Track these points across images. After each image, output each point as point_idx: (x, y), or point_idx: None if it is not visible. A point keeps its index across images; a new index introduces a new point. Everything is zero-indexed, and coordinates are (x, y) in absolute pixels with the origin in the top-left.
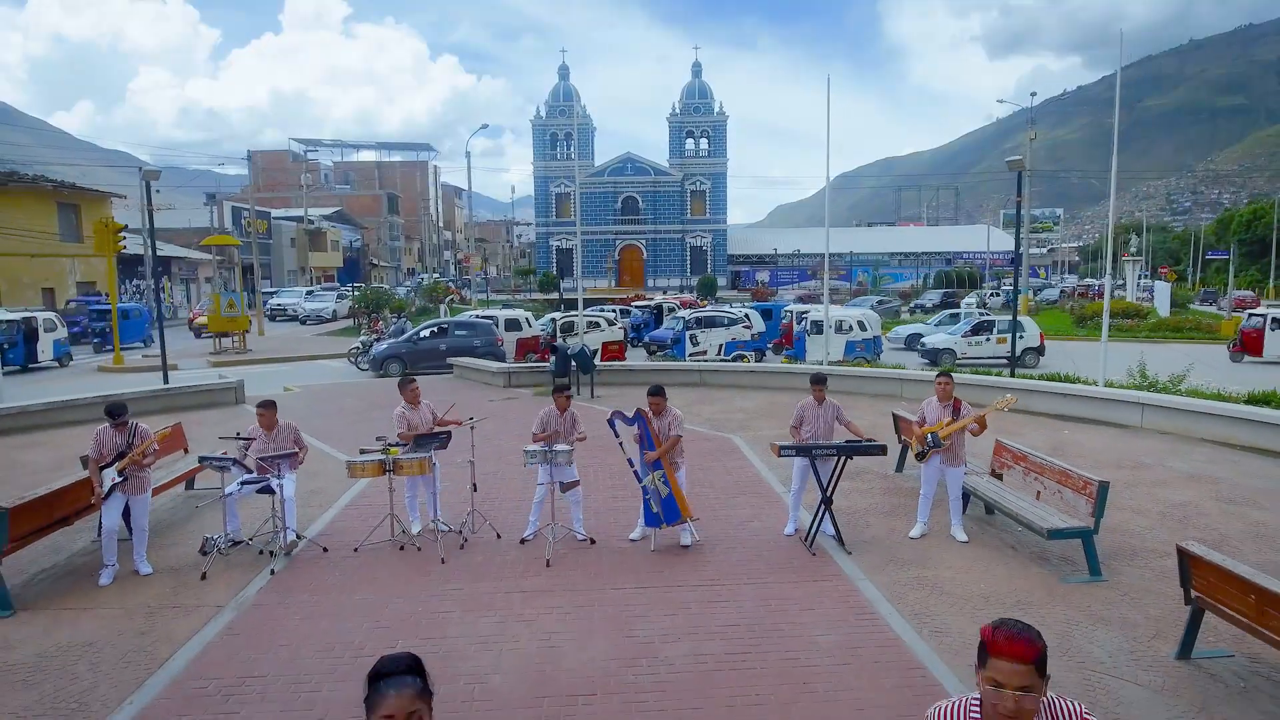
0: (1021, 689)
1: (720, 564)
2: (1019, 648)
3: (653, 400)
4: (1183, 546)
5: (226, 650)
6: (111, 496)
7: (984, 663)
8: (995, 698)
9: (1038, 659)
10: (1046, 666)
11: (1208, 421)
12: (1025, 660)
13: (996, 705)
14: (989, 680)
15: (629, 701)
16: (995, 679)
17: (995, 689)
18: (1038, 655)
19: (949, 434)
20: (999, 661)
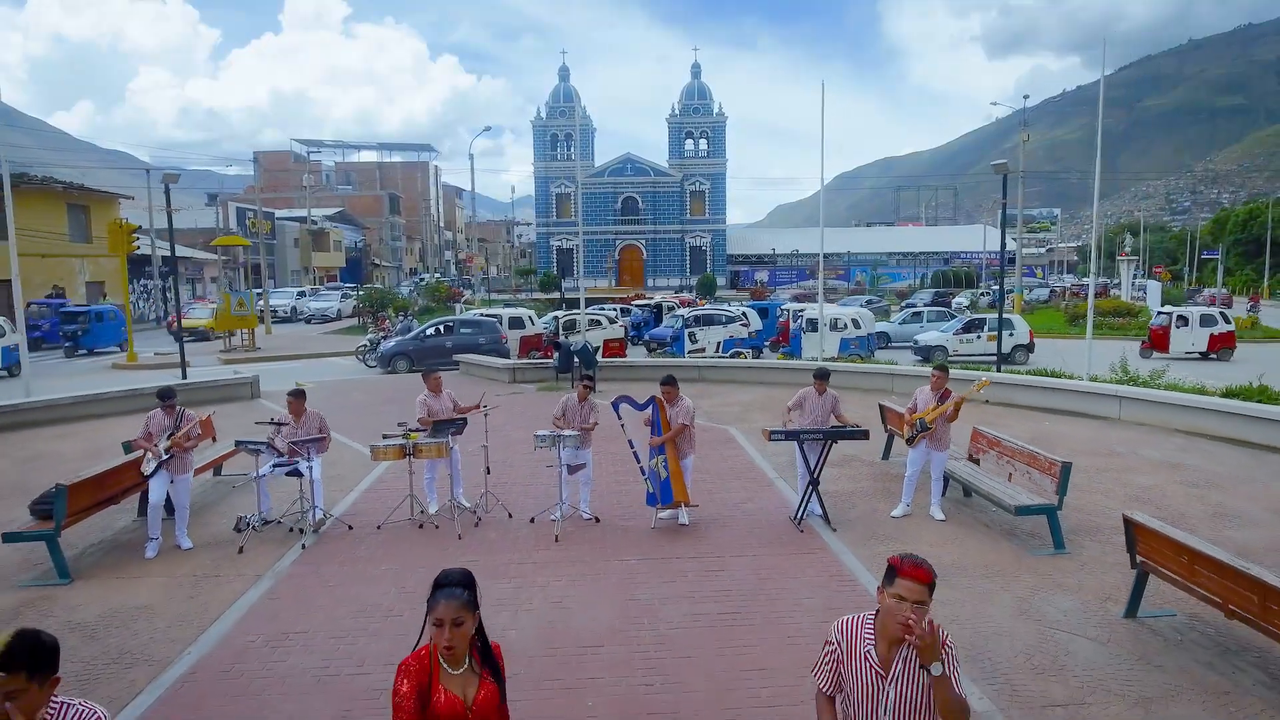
0: (917, 603)
1: (715, 540)
2: (920, 573)
3: (666, 389)
4: (1128, 515)
5: (269, 611)
6: (158, 474)
7: (891, 583)
8: (896, 608)
9: (931, 583)
10: (934, 592)
11: (1182, 413)
12: (923, 582)
13: (895, 614)
14: (894, 595)
15: (632, 652)
16: (899, 594)
17: (898, 602)
18: (931, 580)
19: (934, 419)
20: (904, 581)
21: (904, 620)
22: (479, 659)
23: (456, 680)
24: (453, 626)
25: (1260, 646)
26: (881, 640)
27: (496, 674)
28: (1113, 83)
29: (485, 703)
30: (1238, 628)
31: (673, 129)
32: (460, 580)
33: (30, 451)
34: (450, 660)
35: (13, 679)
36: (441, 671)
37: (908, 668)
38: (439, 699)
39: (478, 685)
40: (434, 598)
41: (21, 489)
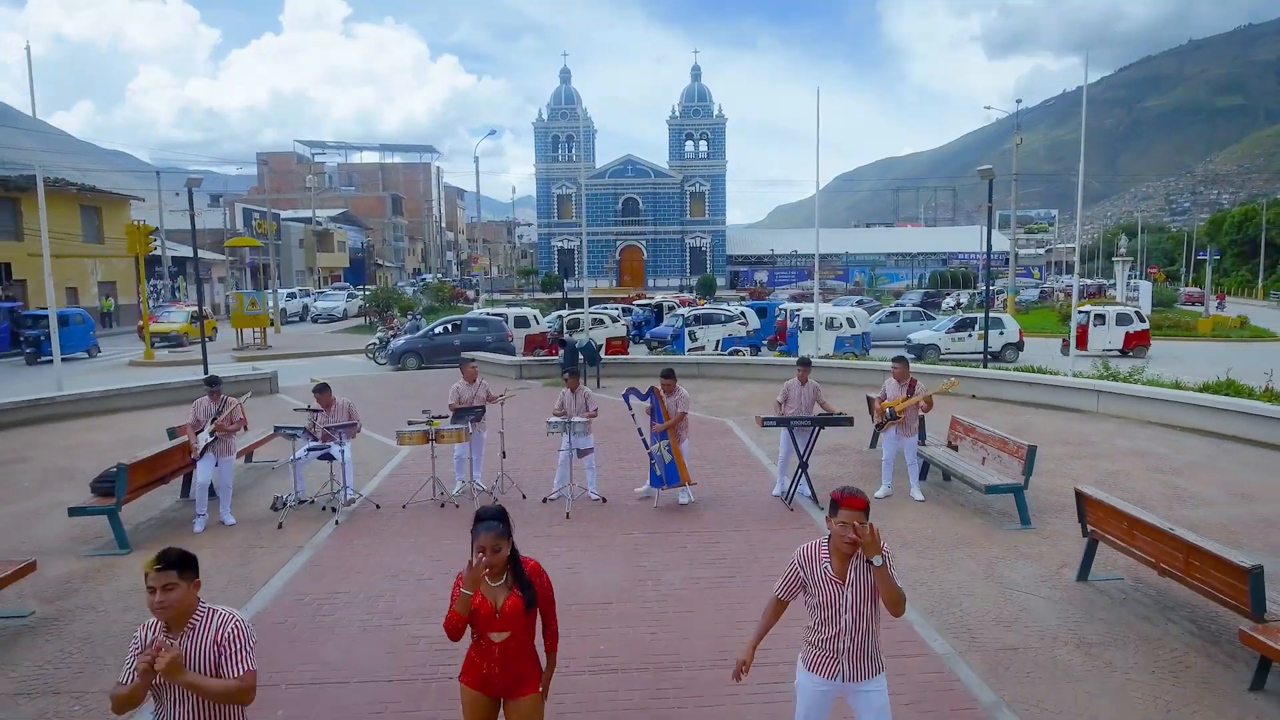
0: (857, 523)
1: (713, 517)
2: (856, 500)
3: (665, 381)
4: (1079, 489)
5: (312, 576)
6: (205, 456)
7: (835, 513)
8: (842, 530)
9: (865, 507)
10: (869, 514)
11: (1155, 406)
12: (859, 507)
13: (842, 534)
14: (839, 522)
15: (639, 608)
16: (843, 519)
17: (842, 525)
18: (866, 504)
19: (903, 409)
20: (844, 510)
21: (849, 537)
22: (513, 574)
23: (492, 590)
24: (491, 551)
25: (1191, 603)
26: (835, 557)
27: (526, 589)
28: (1113, 83)
29: (511, 609)
30: (1175, 589)
31: (673, 130)
32: (496, 515)
33: (69, 441)
34: (492, 572)
35: (167, 573)
36: (483, 583)
37: (857, 576)
38: (476, 602)
39: (507, 596)
40: (476, 529)
41: (67, 474)
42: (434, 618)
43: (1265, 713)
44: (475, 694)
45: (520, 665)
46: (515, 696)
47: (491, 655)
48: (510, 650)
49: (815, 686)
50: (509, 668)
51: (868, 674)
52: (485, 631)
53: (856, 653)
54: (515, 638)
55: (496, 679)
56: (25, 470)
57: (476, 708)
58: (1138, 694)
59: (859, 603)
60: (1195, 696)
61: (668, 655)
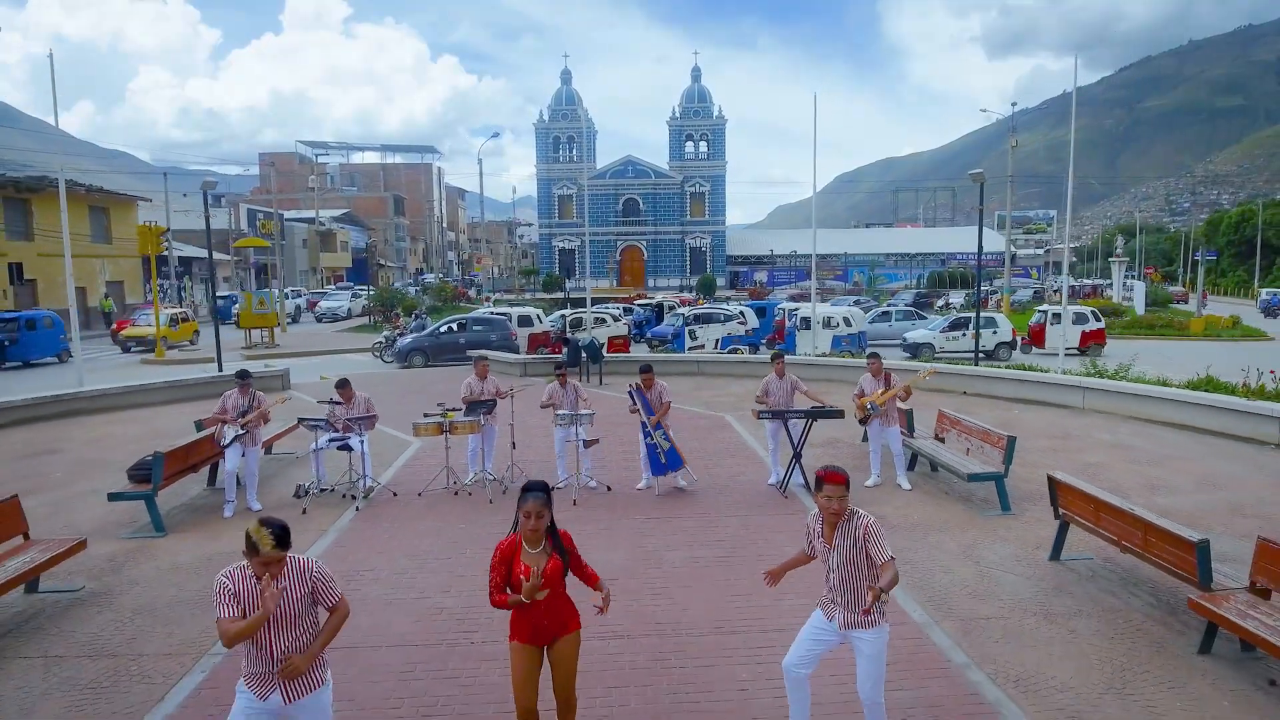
0: (839, 498)
1: (712, 503)
2: (837, 476)
3: (644, 377)
4: (1051, 475)
5: (338, 555)
6: (233, 445)
7: (820, 489)
8: (824, 502)
9: (845, 483)
10: (849, 489)
11: (1137, 402)
12: (839, 483)
13: (825, 506)
14: (823, 496)
15: (643, 584)
16: (826, 494)
17: (826, 499)
18: (846, 480)
19: (884, 401)
20: (827, 485)
21: (832, 511)
22: (551, 543)
23: (533, 556)
24: (536, 517)
25: (1152, 579)
26: (825, 525)
27: (563, 554)
28: (1113, 83)
29: (552, 572)
30: (1140, 567)
31: (673, 131)
32: (541, 487)
33: (94, 435)
34: (531, 541)
35: (280, 554)
36: (523, 550)
37: (841, 542)
38: (517, 568)
39: (547, 560)
40: (523, 498)
41: (96, 465)
42: (454, 592)
43: (1209, 671)
44: (525, 647)
45: (562, 613)
46: (557, 639)
47: (538, 611)
48: (552, 604)
49: (816, 622)
50: (555, 618)
51: (863, 624)
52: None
53: (849, 604)
54: (555, 594)
55: (545, 629)
56: (55, 461)
57: (526, 659)
58: (1096, 657)
59: (845, 564)
60: (1148, 658)
61: (669, 624)
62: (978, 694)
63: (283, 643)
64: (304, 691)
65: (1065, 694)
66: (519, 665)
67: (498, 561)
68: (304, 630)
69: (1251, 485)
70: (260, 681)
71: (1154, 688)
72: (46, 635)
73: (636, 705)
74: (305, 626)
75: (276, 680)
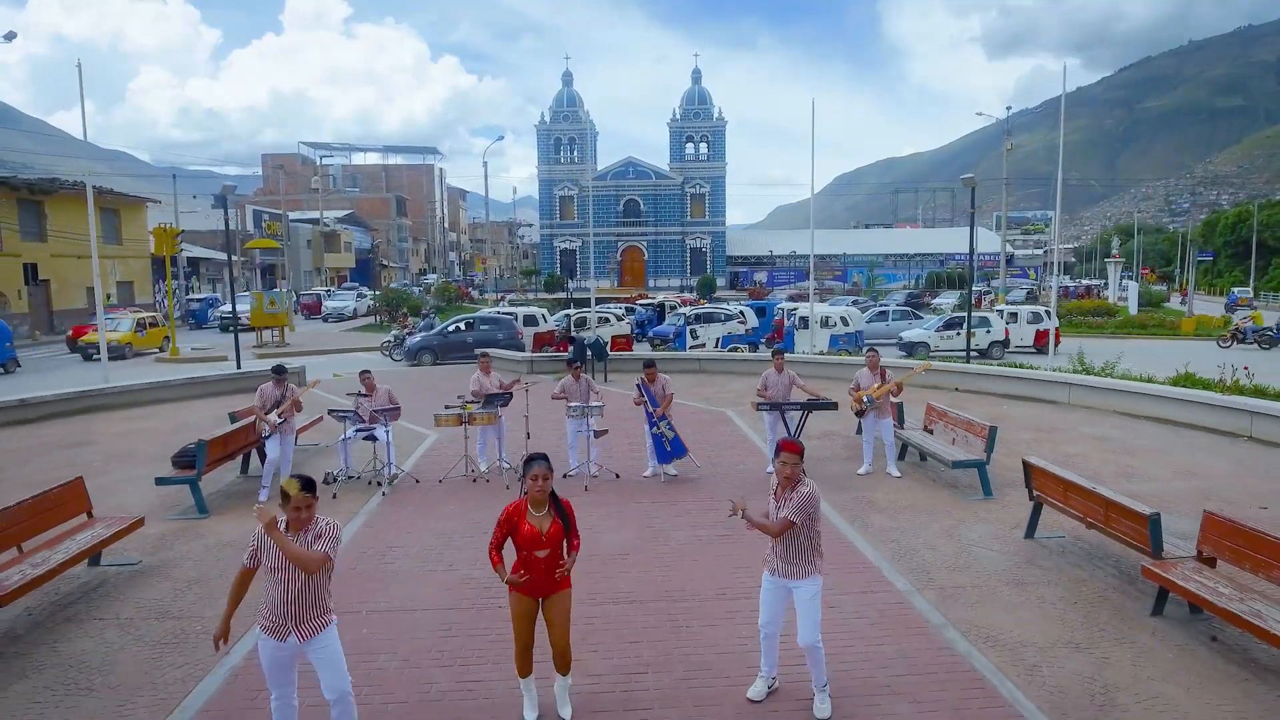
0: (792, 464)
1: (714, 490)
2: (794, 447)
3: (647, 371)
4: (1026, 459)
5: (370, 535)
6: (273, 437)
7: (778, 455)
8: (780, 467)
9: (800, 453)
10: (803, 459)
11: (1121, 398)
12: (794, 452)
13: (779, 470)
14: (779, 461)
15: (651, 559)
16: (782, 460)
17: (781, 464)
18: (800, 451)
19: (880, 395)
20: (784, 452)
21: (784, 473)
22: (554, 508)
23: (537, 518)
24: (542, 479)
25: (1116, 554)
26: (780, 484)
27: (564, 517)
28: (1113, 84)
29: (554, 533)
30: (1106, 544)
31: (674, 133)
32: (543, 456)
33: (123, 428)
34: (535, 503)
35: (308, 495)
36: (529, 512)
37: (785, 501)
38: (524, 527)
39: (550, 522)
40: (529, 464)
41: (130, 455)
42: (480, 564)
43: (1159, 630)
44: (523, 598)
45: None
46: (551, 594)
47: (537, 567)
48: (550, 562)
49: (765, 582)
50: (550, 575)
51: (799, 575)
52: (532, 550)
53: (785, 556)
54: (553, 553)
55: (541, 584)
56: (91, 452)
57: (522, 605)
58: (1059, 618)
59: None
60: (1106, 619)
61: (676, 590)
62: (951, 648)
63: (294, 593)
64: (315, 631)
65: (1028, 648)
66: (517, 610)
67: (503, 520)
68: (313, 584)
69: (1221, 473)
70: (276, 629)
71: (1108, 643)
72: (114, 601)
73: (650, 656)
74: (315, 581)
75: (290, 625)
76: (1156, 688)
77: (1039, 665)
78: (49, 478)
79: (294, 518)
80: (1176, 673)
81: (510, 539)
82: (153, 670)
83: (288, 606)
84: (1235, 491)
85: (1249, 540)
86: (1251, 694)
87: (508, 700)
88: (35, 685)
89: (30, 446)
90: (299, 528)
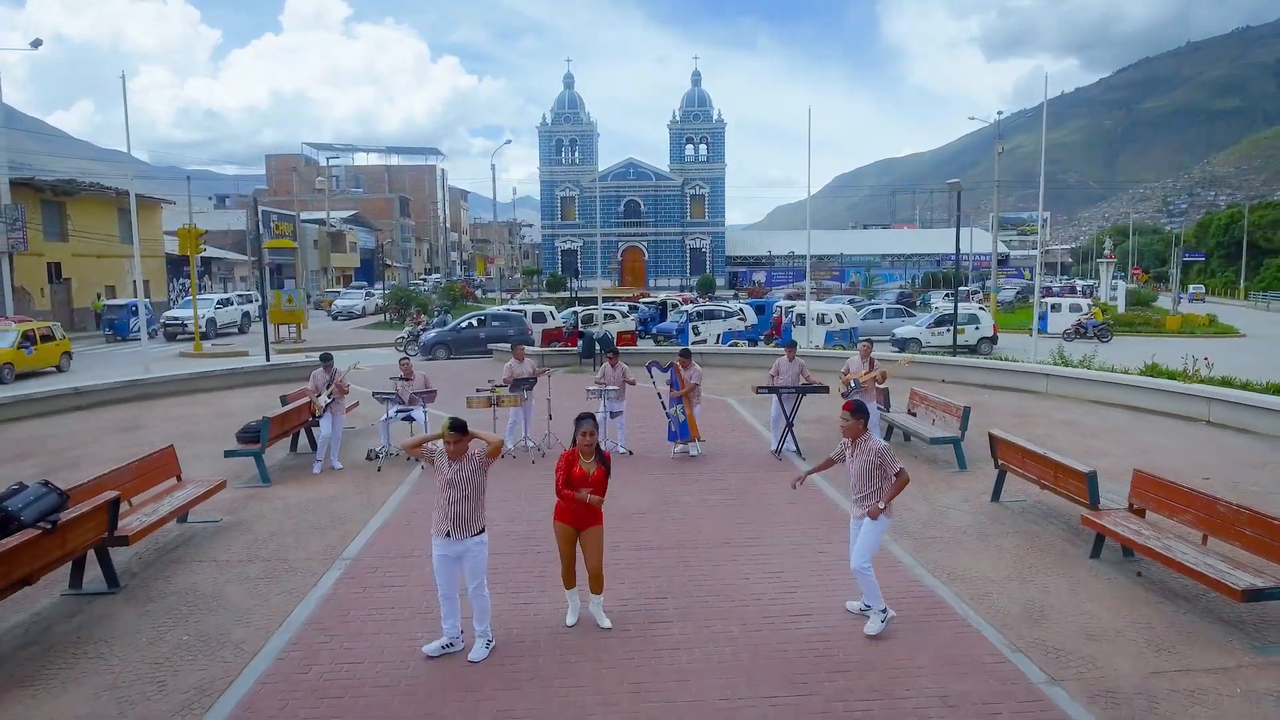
0: (852, 421)
1: (719, 465)
2: (848, 405)
3: (682, 359)
4: (991, 432)
5: (416, 501)
6: (325, 415)
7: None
8: (842, 423)
9: (849, 410)
10: (857, 416)
11: (1093, 387)
12: (846, 409)
13: (843, 428)
14: (842, 416)
15: (665, 516)
16: (843, 417)
17: (843, 422)
18: (849, 408)
19: (866, 380)
20: (843, 410)
21: (845, 431)
22: (598, 457)
23: (586, 464)
24: (590, 434)
25: (1069, 514)
26: (846, 438)
27: (605, 465)
28: (1111, 85)
29: (599, 476)
30: (1065, 505)
31: (674, 134)
32: (590, 415)
33: (172, 414)
34: (584, 452)
35: (456, 434)
36: (580, 458)
37: (854, 452)
38: (575, 469)
39: (595, 466)
40: (580, 421)
41: (186, 436)
42: (517, 521)
43: (1095, 568)
44: (566, 526)
45: (592, 510)
46: (586, 527)
47: (579, 504)
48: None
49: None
50: (586, 511)
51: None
52: (579, 488)
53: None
54: (595, 492)
55: (579, 518)
56: (150, 434)
57: (566, 533)
58: (1012, 561)
59: (859, 467)
60: (1051, 561)
61: (688, 540)
62: (920, 582)
63: (457, 498)
64: (470, 534)
65: (982, 581)
66: (561, 534)
67: (561, 465)
68: (472, 491)
69: (1175, 451)
70: (444, 530)
71: (1049, 577)
72: (207, 548)
73: (668, 587)
74: (473, 489)
75: (454, 527)
76: (1084, 607)
77: (990, 593)
78: (120, 455)
79: (452, 450)
80: (1103, 597)
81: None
82: (257, 596)
83: (455, 512)
84: (1185, 466)
85: (1168, 492)
86: (1161, 611)
87: (552, 615)
88: (164, 606)
89: (91, 429)
90: (456, 457)
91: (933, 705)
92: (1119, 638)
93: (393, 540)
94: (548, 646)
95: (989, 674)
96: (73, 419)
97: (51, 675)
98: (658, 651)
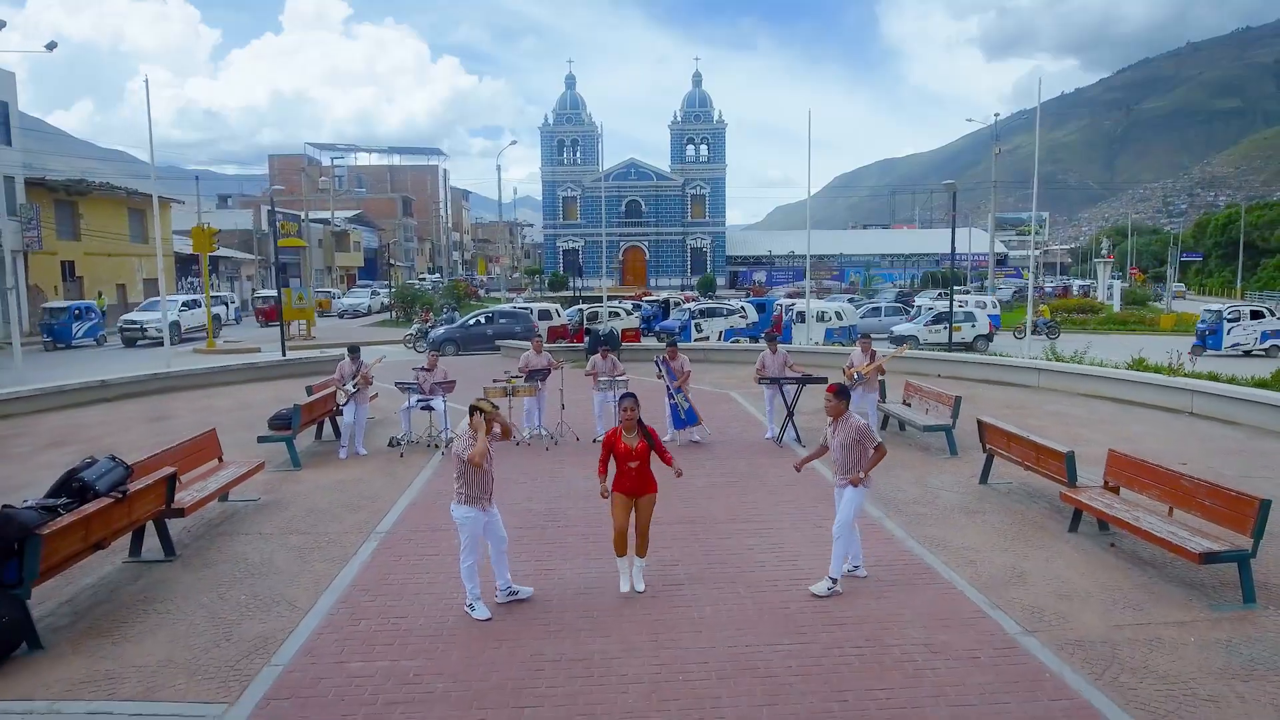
0: (835, 402)
1: (723, 451)
2: (832, 388)
3: (669, 349)
4: (979, 418)
5: (439, 482)
6: (349, 404)
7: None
8: (826, 404)
9: (834, 391)
10: (840, 397)
11: (1083, 381)
12: (829, 391)
13: (826, 405)
14: (826, 398)
15: (673, 498)
16: (827, 396)
17: (828, 403)
18: (834, 389)
19: (869, 373)
20: (827, 393)
21: (829, 411)
22: (640, 432)
23: (629, 438)
24: (632, 410)
25: (1051, 495)
26: (829, 417)
27: (649, 439)
28: (1111, 85)
29: (642, 450)
30: (1048, 487)
31: (674, 135)
32: (632, 394)
33: (196, 405)
34: (627, 428)
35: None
36: (623, 435)
37: (836, 429)
38: (619, 446)
39: (639, 441)
40: (623, 399)
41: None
42: (536, 500)
43: (1071, 540)
44: (622, 496)
45: (646, 479)
46: (641, 495)
47: (630, 474)
48: (640, 471)
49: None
50: (640, 481)
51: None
52: (625, 462)
53: (840, 471)
54: (642, 465)
55: (634, 487)
56: (177, 424)
57: (621, 502)
58: (995, 534)
59: (841, 443)
60: (1033, 534)
61: (697, 516)
62: (909, 551)
63: (491, 473)
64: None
65: (967, 550)
66: (617, 504)
67: (605, 442)
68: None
69: (1155, 440)
70: (478, 500)
71: (1029, 548)
72: (251, 524)
73: (679, 555)
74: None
75: (488, 499)
76: (1060, 573)
77: (975, 561)
78: (153, 442)
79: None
80: (1076, 564)
81: (611, 456)
82: (304, 563)
83: (489, 485)
84: (1165, 453)
85: (1139, 469)
86: (1129, 575)
87: (576, 582)
88: (218, 572)
89: (120, 419)
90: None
91: (918, 651)
92: (1089, 598)
93: (422, 516)
94: (572, 604)
95: (970, 627)
96: (100, 410)
97: (129, 628)
98: (673, 608)
